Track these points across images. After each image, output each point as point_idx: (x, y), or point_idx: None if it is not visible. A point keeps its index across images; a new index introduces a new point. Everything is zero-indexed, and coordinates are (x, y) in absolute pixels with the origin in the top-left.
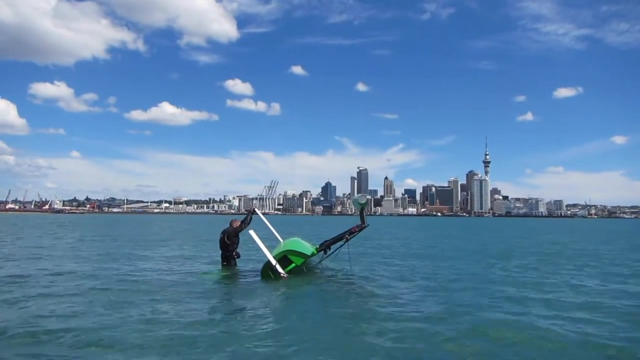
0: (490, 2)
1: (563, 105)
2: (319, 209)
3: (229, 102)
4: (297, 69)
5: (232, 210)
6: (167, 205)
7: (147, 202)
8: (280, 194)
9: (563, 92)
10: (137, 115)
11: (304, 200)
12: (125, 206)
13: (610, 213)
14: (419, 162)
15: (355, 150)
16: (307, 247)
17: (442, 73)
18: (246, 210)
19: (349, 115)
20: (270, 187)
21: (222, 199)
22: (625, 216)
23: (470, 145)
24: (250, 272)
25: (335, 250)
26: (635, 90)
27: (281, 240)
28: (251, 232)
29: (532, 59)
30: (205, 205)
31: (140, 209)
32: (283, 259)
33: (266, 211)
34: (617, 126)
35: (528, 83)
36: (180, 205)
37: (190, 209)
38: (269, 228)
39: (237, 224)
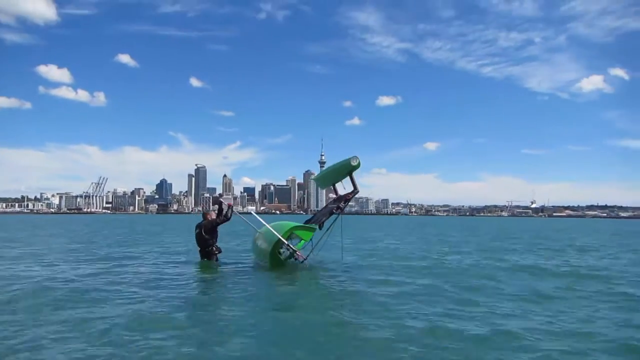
0: (323, 9)
1: (385, 112)
2: (153, 207)
3: (42, 89)
4: (125, 58)
5: (51, 210)
6: None
7: None
8: (109, 192)
9: (385, 100)
10: None
11: (137, 198)
12: None
13: (427, 211)
14: (256, 160)
15: (191, 147)
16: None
17: (279, 73)
18: (216, 203)
19: (184, 110)
20: (99, 183)
21: (39, 196)
22: (439, 214)
23: (306, 144)
24: (238, 265)
25: (331, 225)
26: (444, 102)
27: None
28: (253, 213)
29: (359, 67)
30: (17, 204)
31: None
32: (290, 237)
33: (93, 210)
34: (430, 133)
35: (355, 89)
36: None
37: None
38: (247, 222)
39: (212, 215)
